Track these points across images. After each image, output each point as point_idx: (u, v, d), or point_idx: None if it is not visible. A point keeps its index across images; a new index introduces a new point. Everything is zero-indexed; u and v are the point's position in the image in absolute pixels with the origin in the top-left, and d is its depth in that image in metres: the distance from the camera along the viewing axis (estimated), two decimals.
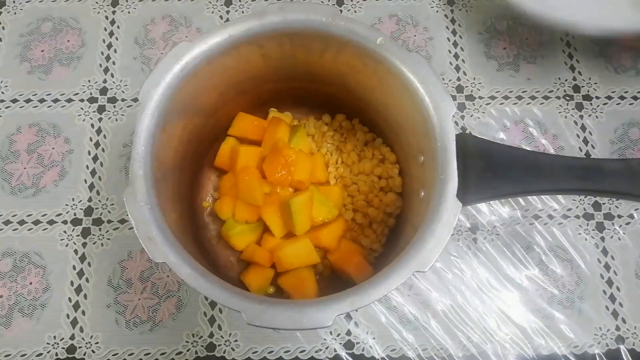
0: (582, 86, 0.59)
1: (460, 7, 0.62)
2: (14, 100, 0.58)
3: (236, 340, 0.50)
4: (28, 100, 0.58)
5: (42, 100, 0.58)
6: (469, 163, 0.40)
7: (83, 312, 0.51)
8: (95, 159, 0.56)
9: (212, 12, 0.62)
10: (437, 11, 0.62)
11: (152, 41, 0.61)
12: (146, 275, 0.52)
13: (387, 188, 0.50)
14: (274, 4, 0.43)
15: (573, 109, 0.58)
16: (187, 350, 0.50)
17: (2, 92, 0.58)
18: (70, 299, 0.51)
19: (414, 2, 0.63)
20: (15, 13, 0.62)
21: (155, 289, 0.52)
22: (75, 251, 0.53)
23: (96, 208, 0.54)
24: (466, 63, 0.60)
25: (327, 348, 0.50)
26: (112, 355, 0.50)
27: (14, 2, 0.62)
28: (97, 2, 0.62)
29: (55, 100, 0.58)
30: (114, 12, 0.62)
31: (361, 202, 0.50)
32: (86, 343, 0.50)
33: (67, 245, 0.53)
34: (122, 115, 0.57)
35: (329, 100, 0.52)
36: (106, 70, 0.59)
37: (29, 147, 0.56)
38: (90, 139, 0.56)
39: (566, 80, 0.59)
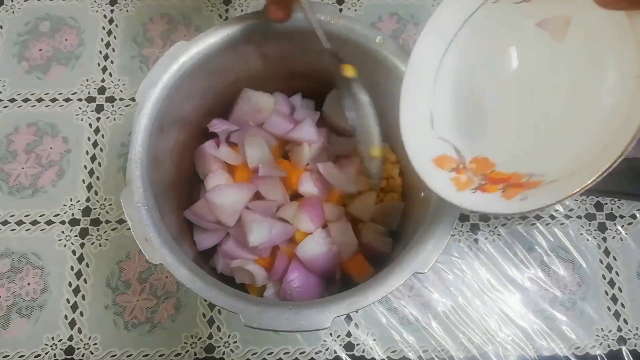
0: None
1: None
2: (12, 100, 0.58)
3: (235, 342, 0.50)
4: (26, 100, 0.58)
5: (40, 100, 0.58)
6: None
7: (81, 313, 0.51)
8: (93, 158, 0.55)
9: (211, 11, 0.62)
10: None
11: (151, 40, 0.60)
12: (144, 276, 0.52)
13: (387, 188, 0.50)
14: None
15: None
16: (186, 352, 0.50)
17: (0, 92, 0.58)
18: (68, 300, 0.51)
19: (414, 1, 0.62)
20: (13, 12, 0.61)
21: (154, 290, 0.51)
22: (74, 252, 0.52)
23: (94, 208, 0.54)
24: None
25: (327, 349, 0.50)
26: (111, 356, 0.49)
27: (12, 1, 0.62)
28: (95, 1, 0.62)
29: (53, 100, 0.58)
30: (112, 11, 0.61)
31: None
32: (84, 344, 0.50)
33: (65, 246, 0.53)
34: (121, 114, 0.57)
35: None
36: (104, 69, 0.59)
37: (27, 147, 0.56)
38: (89, 139, 0.56)
39: None
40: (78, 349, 0.50)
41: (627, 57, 0.28)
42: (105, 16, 0.61)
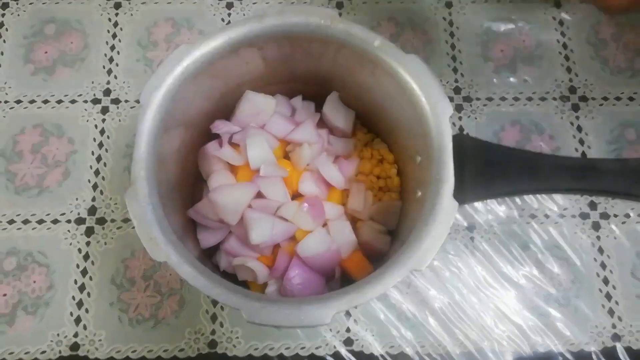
0: (579, 87, 0.60)
1: (458, 10, 0.63)
2: (18, 101, 0.59)
3: (237, 337, 0.51)
4: (32, 101, 0.59)
5: (45, 101, 0.59)
6: (465, 163, 0.41)
7: (86, 310, 0.52)
8: (98, 159, 0.57)
9: (214, 15, 0.63)
10: (435, 14, 0.63)
11: (155, 43, 0.61)
12: (149, 274, 0.53)
13: (385, 188, 0.51)
14: (274, 6, 0.44)
15: (569, 110, 0.59)
16: (189, 348, 0.51)
17: (6, 93, 0.59)
18: (73, 297, 0.52)
19: (412, 5, 0.63)
20: (18, 15, 0.62)
21: (158, 287, 0.52)
22: (79, 250, 0.53)
23: (100, 208, 0.55)
24: (464, 65, 0.61)
25: (327, 345, 0.51)
26: (115, 352, 0.50)
27: (17, 3, 0.63)
28: (100, 5, 0.63)
29: (59, 101, 0.59)
30: (117, 15, 0.62)
31: None
32: (89, 340, 0.51)
33: (70, 244, 0.54)
34: (126, 116, 0.58)
35: None
36: (109, 71, 0.60)
37: (33, 147, 0.57)
38: (94, 140, 0.57)
39: (562, 81, 0.60)
40: (83, 345, 0.51)
41: None
42: (110, 19, 0.62)
